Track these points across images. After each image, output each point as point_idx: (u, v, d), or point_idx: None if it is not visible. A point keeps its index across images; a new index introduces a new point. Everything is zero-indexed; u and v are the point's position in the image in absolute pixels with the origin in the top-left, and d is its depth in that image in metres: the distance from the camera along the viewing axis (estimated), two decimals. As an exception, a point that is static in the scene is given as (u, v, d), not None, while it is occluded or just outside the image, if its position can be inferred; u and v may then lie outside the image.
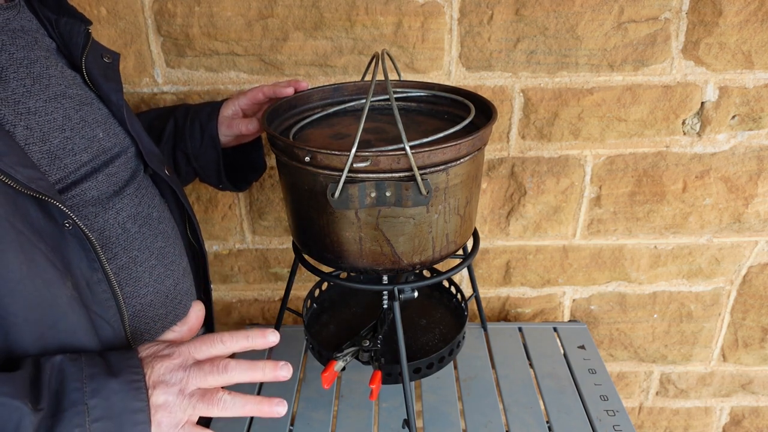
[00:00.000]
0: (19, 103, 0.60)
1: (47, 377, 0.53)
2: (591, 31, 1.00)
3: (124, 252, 0.68)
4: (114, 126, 0.72)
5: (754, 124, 1.08)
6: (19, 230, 0.55)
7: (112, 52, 0.76)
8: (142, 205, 0.72)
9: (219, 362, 0.58)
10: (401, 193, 0.69)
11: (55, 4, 0.71)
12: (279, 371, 0.60)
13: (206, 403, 0.56)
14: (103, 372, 0.55)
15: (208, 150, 0.90)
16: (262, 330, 0.61)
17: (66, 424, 0.51)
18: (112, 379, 0.54)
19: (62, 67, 0.68)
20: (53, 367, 0.54)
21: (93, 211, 0.65)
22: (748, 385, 1.38)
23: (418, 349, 0.92)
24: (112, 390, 0.54)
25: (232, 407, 0.57)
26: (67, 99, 0.66)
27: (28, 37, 0.65)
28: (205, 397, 0.57)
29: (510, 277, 1.25)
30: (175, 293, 0.74)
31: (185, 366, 0.57)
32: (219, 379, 0.57)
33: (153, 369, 0.56)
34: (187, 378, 0.56)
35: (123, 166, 0.71)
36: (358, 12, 0.99)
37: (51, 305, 0.57)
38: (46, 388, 0.53)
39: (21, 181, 0.55)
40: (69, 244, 0.60)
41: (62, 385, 0.53)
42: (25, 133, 0.59)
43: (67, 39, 0.70)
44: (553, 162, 1.12)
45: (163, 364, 0.57)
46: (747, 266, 1.23)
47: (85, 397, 0.53)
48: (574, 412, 0.98)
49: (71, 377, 0.54)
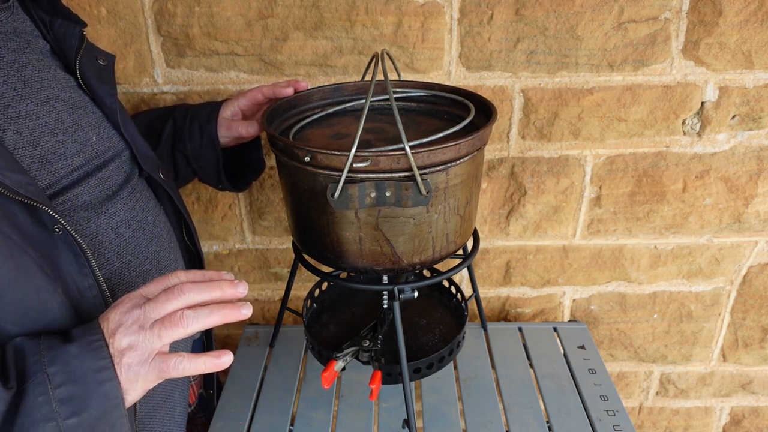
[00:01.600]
0: (8, 107, 0.59)
1: (11, 357, 0.53)
2: (591, 31, 1.00)
3: (117, 257, 0.67)
4: (108, 129, 0.72)
5: (754, 124, 1.08)
6: (6, 235, 0.54)
7: (108, 54, 0.76)
8: (137, 209, 0.72)
9: (173, 289, 0.56)
10: (401, 193, 0.69)
11: (49, 6, 0.71)
12: (237, 288, 0.58)
13: (169, 327, 0.54)
14: (60, 341, 0.54)
15: (208, 151, 0.90)
16: (220, 275, 0.59)
17: (29, 396, 0.51)
18: (69, 345, 0.53)
19: (55, 70, 0.67)
20: (14, 346, 0.54)
21: (85, 216, 0.64)
22: (748, 385, 1.38)
23: (418, 349, 0.92)
24: (70, 354, 0.53)
25: (196, 321, 0.55)
26: (60, 102, 0.65)
27: (21, 40, 0.64)
28: (166, 321, 0.54)
29: (510, 277, 1.25)
30: None
31: (138, 305, 0.55)
32: (176, 303, 0.55)
33: (109, 319, 0.55)
34: (143, 313, 0.54)
35: (116, 170, 0.71)
36: (358, 12, 0.99)
37: (41, 311, 0.57)
38: (11, 367, 0.53)
39: (9, 186, 0.54)
40: (59, 250, 0.59)
41: (23, 360, 0.53)
42: (14, 138, 0.59)
43: (61, 41, 0.69)
44: (553, 162, 1.12)
45: (116, 310, 0.56)
46: (747, 266, 1.23)
47: (45, 366, 0.52)
48: (574, 412, 0.98)
49: (30, 351, 0.53)
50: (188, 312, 0.55)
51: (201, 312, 0.55)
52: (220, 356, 0.56)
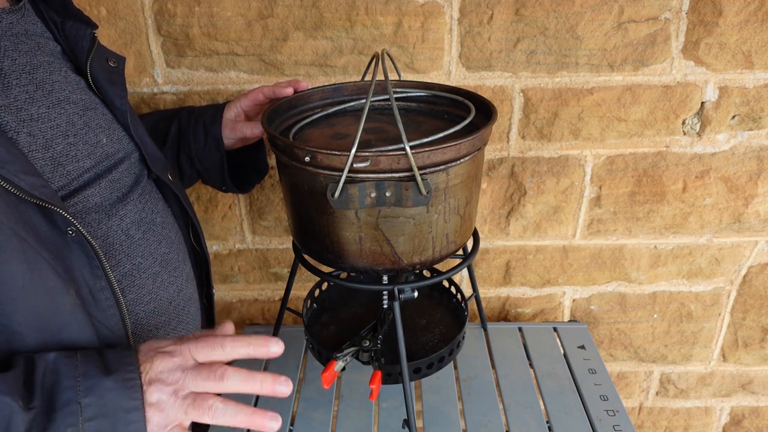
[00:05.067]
0: (21, 110, 0.59)
1: (40, 375, 0.52)
2: (591, 31, 1.00)
3: (128, 259, 0.67)
4: (118, 131, 0.72)
5: (754, 124, 1.08)
6: (22, 238, 0.54)
7: (118, 56, 0.76)
8: (146, 210, 0.72)
9: (217, 369, 0.56)
10: (401, 193, 0.69)
11: (60, 7, 0.70)
12: (277, 386, 0.57)
13: (197, 409, 0.55)
14: (98, 369, 0.54)
15: (212, 152, 0.90)
16: (266, 338, 0.58)
17: (59, 424, 0.50)
18: (106, 377, 0.53)
19: (66, 72, 0.67)
20: (47, 364, 0.53)
21: (96, 218, 0.64)
22: (748, 385, 1.38)
23: (418, 349, 0.92)
24: (106, 388, 0.52)
25: (223, 416, 0.55)
26: (71, 104, 0.65)
27: (32, 42, 0.64)
28: (197, 402, 0.55)
29: (510, 277, 1.25)
30: (178, 300, 0.74)
31: (184, 367, 0.55)
32: (215, 387, 0.56)
33: (152, 364, 0.55)
34: (183, 380, 0.55)
35: (126, 172, 0.71)
36: (358, 12, 0.99)
37: (54, 314, 0.57)
38: (39, 386, 0.52)
39: (24, 188, 0.54)
40: (72, 252, 0.59)
41: (56, 383, 0.52)
42: (28, 140, 0.59)
43: (72, 43, 0.69)
44: (553, 162, 1.12)
45: (162, 361, 0.55)
46: (747, 266, 1.23)
47: (79, 396, 0.52)
48: (574, 412, 0.98)
49: (65, 375, 0.53)
50: (219, 404, 0.55)
51: (229, 410, 0.55)
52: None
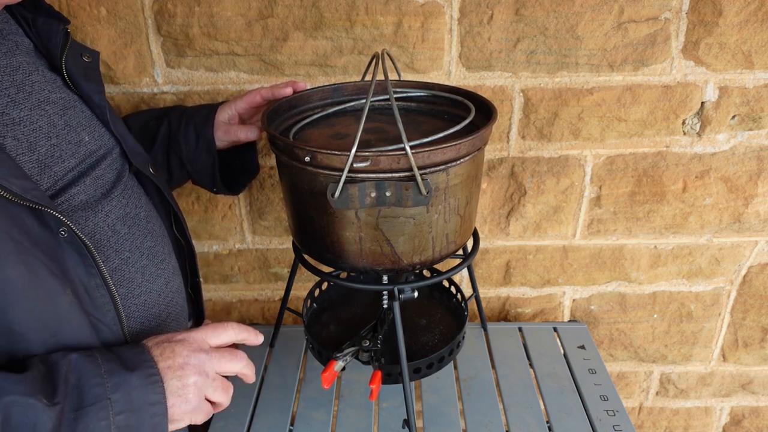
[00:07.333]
0: (3, 114, 0.59)
1: (63, 373, 0.55)
2: (591, 31, 1.00)
3: (116, 254, 0.67)
4: (98, 128, 0.72)
5: (754, 124, 1.08)
6: (17, 241, 0.55)
7: (92, 51, 0.75)
8: (130, 205, 0.72)
9: (235, 352, 0.66)
10: (401, 193, 0.69)
11: (31, 3, 0.69)
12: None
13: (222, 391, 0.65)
14: (121, 367, 0.57)
15: (203, 155, 0.89)
16: (256, 331, 0.71)
17: (92, 418, 0.54)
18: (131, 374, 0.57)
19: (43, 70, 0.66)
20: (70, 363, 0.56)
21: (83, 216, 0.65)
22: (748, 385, 1.38)
23: (418, 349, 0.92)
24: (132, 385, 0.56)
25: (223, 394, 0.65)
26: (51, 104, 0.65)
27: (9, 42, 0.63)
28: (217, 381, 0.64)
29: (510, 277, 1.25)
30: (166, 291, 0.74)
31: (204, 349, 0.63)
32: (233, 367, 0.66)
33: (174, 353, 0.60)
34: (209, 360, 0.62)
35: (109, 168, 0.71)
36: (358, 12, 0.99)
37: (53, 314, 0.58)
38: (62, 383, 0.54)
39: (16, 192, 0.54)
40: (65, 252, 0.60)
41: (81, 380, 0.55)
42: (14, 144, 0.59)
43: (45, 39, 0.68)
44: (553, 162, 1.12)
45: (184, 348, 0.61)
46: (747, 266, 1.23)
47: (108, 391, 0.55)
48: (574, 412, 0.98)
49: (91, 373, 0.56)
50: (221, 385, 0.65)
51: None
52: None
